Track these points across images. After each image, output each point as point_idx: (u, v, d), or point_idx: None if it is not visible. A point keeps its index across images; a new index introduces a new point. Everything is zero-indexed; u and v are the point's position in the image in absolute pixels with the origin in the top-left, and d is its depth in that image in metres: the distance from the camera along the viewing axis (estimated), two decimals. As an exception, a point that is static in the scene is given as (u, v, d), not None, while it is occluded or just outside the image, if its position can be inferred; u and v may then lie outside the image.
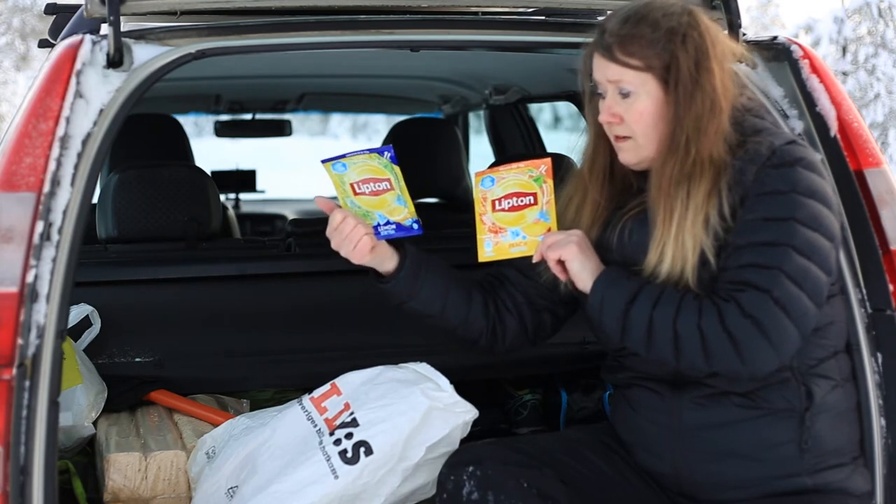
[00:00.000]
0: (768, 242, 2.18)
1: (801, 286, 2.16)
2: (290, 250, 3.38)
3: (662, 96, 2.26)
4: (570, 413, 3.27)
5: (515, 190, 2.41)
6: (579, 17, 2.88)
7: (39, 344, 2.17)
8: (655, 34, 2.24)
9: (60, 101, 2.32)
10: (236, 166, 6.69)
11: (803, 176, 2.23)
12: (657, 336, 2.21)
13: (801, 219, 2.19)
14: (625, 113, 2.29)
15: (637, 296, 2.23)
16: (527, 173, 2.40)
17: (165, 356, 3.07)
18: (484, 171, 2.45)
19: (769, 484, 2.30)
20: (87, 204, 2.29)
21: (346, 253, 2.44)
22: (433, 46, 2.87)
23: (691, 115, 2.24)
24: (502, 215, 2.41)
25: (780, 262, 2.16)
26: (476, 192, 2.43)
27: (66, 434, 2.78)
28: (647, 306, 2.22)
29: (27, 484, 2.13)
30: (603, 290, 2.27)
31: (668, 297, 2.21)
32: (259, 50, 2.66)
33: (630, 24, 2.26)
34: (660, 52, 2.24)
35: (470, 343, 2.55)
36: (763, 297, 2.15)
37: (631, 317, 2.23)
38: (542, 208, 2.39)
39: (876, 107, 15.13)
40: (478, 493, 2.27)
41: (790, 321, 2.15)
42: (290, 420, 2.57)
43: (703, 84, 2.24)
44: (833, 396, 2.33)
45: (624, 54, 2.26)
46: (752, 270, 2.18)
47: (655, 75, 2.25)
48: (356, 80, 5.00)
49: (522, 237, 2.40)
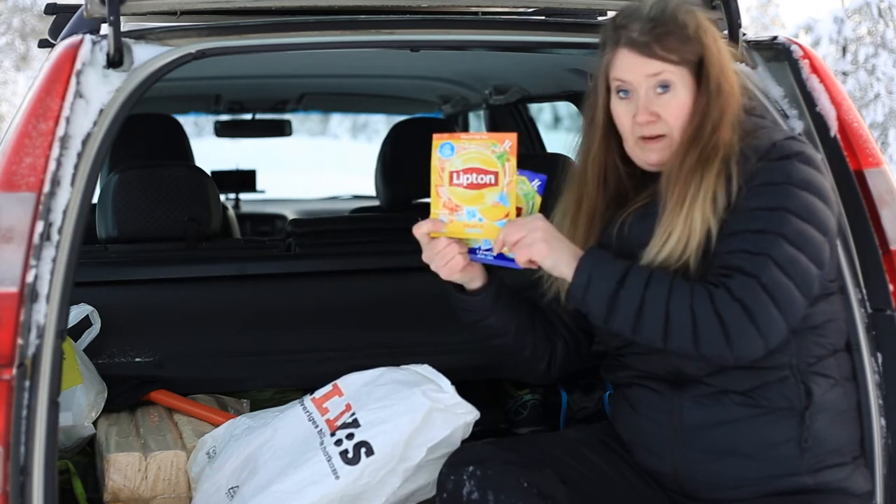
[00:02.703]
0: (759, 230, 2.19)
1: (790, 275, 2.17)
2: (290, 250, 3.39)
3: (696, 90, 2.30)
4: (570, 413, 3.27)
5: (476, 165, 2.29)
6: (579, 17, 2.88)
7: (39, 344, 2.17)
8: (685, 31, 2.29)
9: (60, 101, 2.32)
10: (236, 166, 6.69)
11: (799, 168, 2.24)
12: (647, 316, 2.20)
13: (793, 209, 2.20)
14: (662, 110, 2.30)
15: (626, 275, 2.23)
16: (490, 147, 2.28)
17: (165, 356, 3.07)
18: (443, 135, 2.32)
19: (769, 483, 2.30)
20: (87, 204, 2.29)
21: (436, 268, 2.38)
22: (433, 46, 2.87)
23: (717, 108, 2.28)
24: (460, 192, 2.29)
25: (769, 249, 2.17)
26: (434, 159, 2.30)
27: (66, 434, 2.78)
28: (639, 286, 2.21)
29: (27, 484, 2.13)
30: (590, 271, 2.24)
31: (658, 278, 2.22)
32: (259, 50, 2.66)
33: (660, 22, 2.30)
34: (693, 48, 2.29)
35: (530, 369, 2.54)
36: (751, 281, 2.16)
37: (620, 297, 2.22)
38: (502, 190, 2.28)
39: (876, 107, 15.13)
40: (478, 493, 2.27)
41: (776, 309, 2.16)
42: (291, 420, 2.57)
43: (728, 75, 2.30)
44: (832, 395, 2.34)
45: (663, 49, 2.29)
46: (741, 256, 2.19)
47: (691, 70, 2.29)
48: (356, 80, 5.00)
49: (479, 219, 2.29)
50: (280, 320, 3.21)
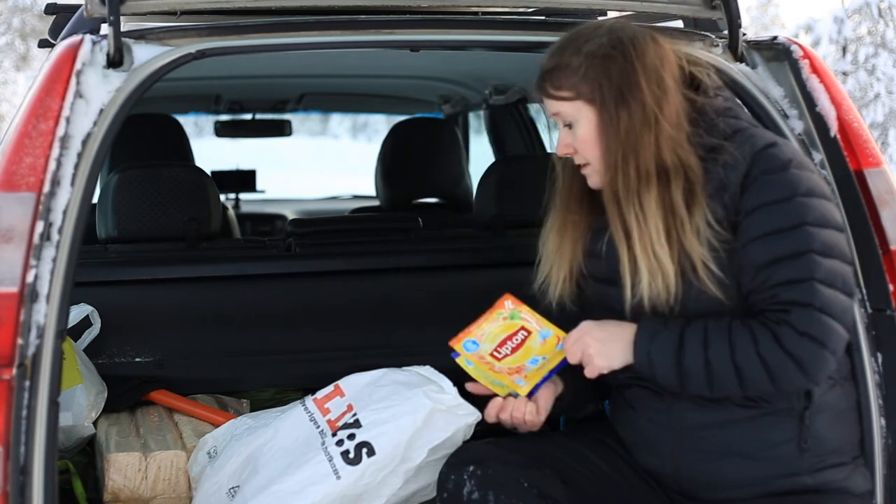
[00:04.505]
0: (791, 255, 2.20)
1: (834, 286, 2.19)
2: (290, 250, 3.39)
3: (598, 119, 2.29)
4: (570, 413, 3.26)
5: (503, 336, 2.42)
6: (579, 17, 2.87)
7: (39, 344, 2.17)
8: (577, 61, 2.28)
9: (60, 101, 2.31)
10: (236, 166, 6.69)
11: (798, 177, 2.24)
12: (718, 376, 2.22)
13: (811, 221, 2.21)
14: (574, 142, 2.33)
15: (683, 342, 2.24)
16: (499, 317, 2.43)
17: (165, 356, 3.08)
18: (456, 339, 2.43)
19: (769, 483, 2.30)
20: (87, 204, 2.29)
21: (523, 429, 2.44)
22: (433, 46, 2.87)
23: (622, 132, 2.26)
24: (510, 358, 2.41)
25: (810, 272, 2.19)
26: (466, 363, 2.40)
27: (66, 434, 2.78)
28: (700, 350, 2.22)
29: (27, 484, 2.13)
30: (647, 348, 2.27)
31: (716, 334, 2.22)
32: (259, 50, 2.66)
33: (555, 56, 2.32)
34: (583, 78, 2.28)
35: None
36: (809, 311, 2.18)
37: (685, 366, 2.23)
38: (539, 330, 2.42)
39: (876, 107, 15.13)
40: (478, 493, 2.27)
41: (836, 322, 2.19)
42: (292, 420, 2.57)
43: (629, 100, 2.25)
44: (832, 395, 2.34)
45: (553, 88, 2.32)
46: (788, 288, 2.19)
47: (587, 101, 2.29)
48: (356, 80, 5.00)
49: (543, 359, 2.40)
50: (280, 320, 3.21)
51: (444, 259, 3.43)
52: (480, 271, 3.38)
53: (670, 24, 2.91)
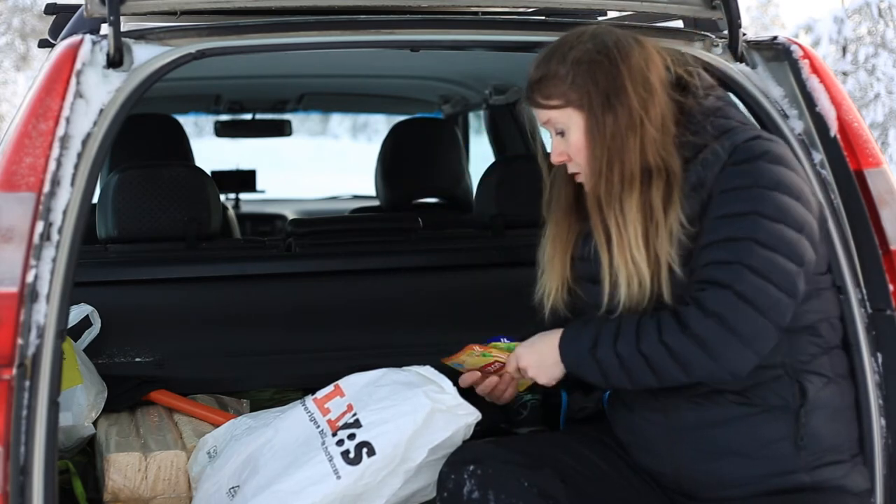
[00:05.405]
0: (729, 238, 2.19)
1: (767, 277, 2.16)
2: (290, 250, 3.39)
3: (586, 124, 2.29)
4: (570, 413, 3.26)
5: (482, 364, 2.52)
6: (579, 17, 2.88)
7: (39, 344, 2.17)
8: (563, 69, 2.29)
9: (60, 101, 2.32)
10: (236, 166, 6.69)
11: (766, 168, 2.23)
12: (630, 367, 2.23)
13: (763, 212, 2.19)
14: (568, 149, 2.33)
15: (597, 339, 2.27)
16: (473, 354, 2.50)
17: (165, 356, 3.08)
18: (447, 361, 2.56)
19: (767, 481, 2.30)
20: (87, 204, 2.29)
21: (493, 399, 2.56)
22: (433, 46, 2.87)
23: (607, 135, 2.26)
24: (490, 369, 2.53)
25: (741, 256, 2.17)
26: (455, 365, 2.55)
27: (66, 434, 2.78)
28: (609, 344, 2.25)
29: (27, 484, 2.13)
30: (567, 351, 2.32)
31: (627, 326, 2.24)
32: (259, 50, 2.66)
33: (542, 65, 2.32)
34: (571, 85, 2.28)
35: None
36: (725, 292, 2.16)
37: (601, 361, 2.26)
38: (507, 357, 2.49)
39: (876, 107, 15.14)
40: (478, 493, 2.27)
41: (759, 314, 2.16)
42: (292, 420, 2.57)
43: (616, 104, 2.26)
44: (827, 393, 2.33)
45: (542, 97, 2.32)
46: (714, 267, 2.19)
47: (576, 107, 2.29)
48: (356, 80, 5.00)
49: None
50: (280, 320, 3.21)
51: (444, 259, 3.43)
52: (480, 271, 3.39)
53: (670, 24, 2.91)
